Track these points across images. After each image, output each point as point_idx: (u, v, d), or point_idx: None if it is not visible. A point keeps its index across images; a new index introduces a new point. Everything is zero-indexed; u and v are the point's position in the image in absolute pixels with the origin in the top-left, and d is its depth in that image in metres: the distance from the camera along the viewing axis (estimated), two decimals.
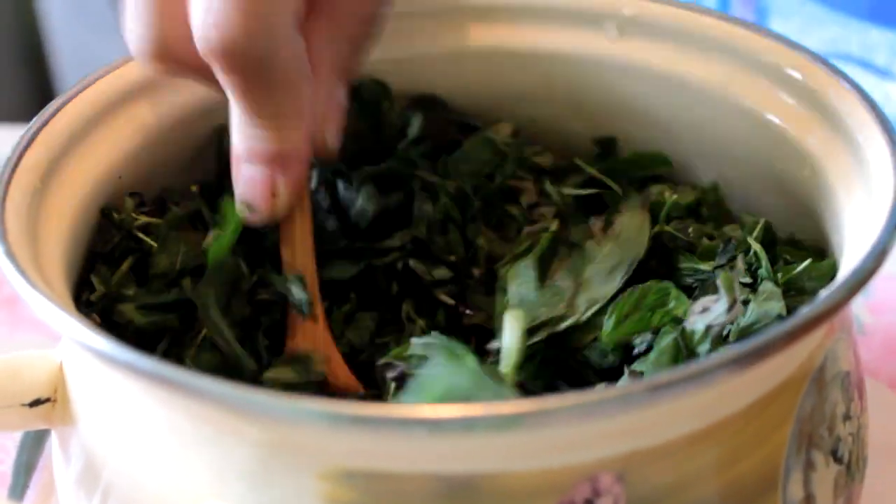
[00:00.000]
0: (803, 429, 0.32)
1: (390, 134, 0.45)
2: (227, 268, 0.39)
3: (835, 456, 0.34)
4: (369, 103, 0.45)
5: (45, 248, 0.35)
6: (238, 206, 0.38)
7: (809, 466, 0.33)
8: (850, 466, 0.35)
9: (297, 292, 0.39)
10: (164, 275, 0.39)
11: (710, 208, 0.43)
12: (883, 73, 0.62)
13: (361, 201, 0.43)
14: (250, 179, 0.37)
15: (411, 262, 0.42)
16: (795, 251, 0.40)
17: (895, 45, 0.61)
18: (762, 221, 0.41)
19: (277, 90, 0.35)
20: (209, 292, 0.38)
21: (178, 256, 0.40)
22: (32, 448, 0.48)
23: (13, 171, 0.36)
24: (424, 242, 0.42)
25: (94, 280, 0.38)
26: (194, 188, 0.42)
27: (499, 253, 0.43)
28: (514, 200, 0.44)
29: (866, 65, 0.62)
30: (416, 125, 0.45)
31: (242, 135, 0.37)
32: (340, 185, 0.43)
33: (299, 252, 0.40)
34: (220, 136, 0.42)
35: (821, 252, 0.40)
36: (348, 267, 0.42)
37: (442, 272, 0.42)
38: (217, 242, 0.39)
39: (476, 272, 0.42)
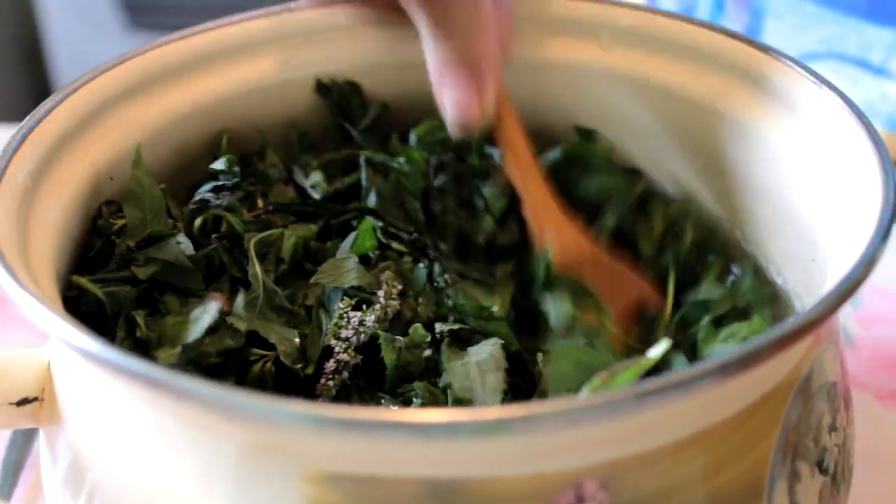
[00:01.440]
0: (789, 439, 0.32)
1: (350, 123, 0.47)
2: None
3: (820, 467, 0.34)
4: (340, 101, 0.47)
5: (34, 247, 0.35)
6: (450, 126, 0.41)
7: (794, 477, 0.33)
8: (836, 477, 0.35)
9: None
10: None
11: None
12: (879, 71, 0.62)
13: (315, 179, 0.45)
14: (454, 96, 0.40)
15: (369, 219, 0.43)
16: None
17: (891, 42, 0.61)
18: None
19: (461, 4, 0.38)
20: None
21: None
22: (21, 447, 0.48)
23: (4, 170, 0.36)
24: (378, 213, 0.44)
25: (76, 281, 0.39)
26: None
27: (468, 230, 0.44)
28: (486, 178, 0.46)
29: (863, 63, 0.63)
30: (372, 113, 0.47)
31: (438, 54, 0.40)
32: (297, 171, 0.45)
33: (518, 150, 0.43)
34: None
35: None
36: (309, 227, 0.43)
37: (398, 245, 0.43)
38: None
39: (443, 246, 0.44)
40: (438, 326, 0.40)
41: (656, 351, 0.36)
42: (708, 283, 0.42)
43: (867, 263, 0.31)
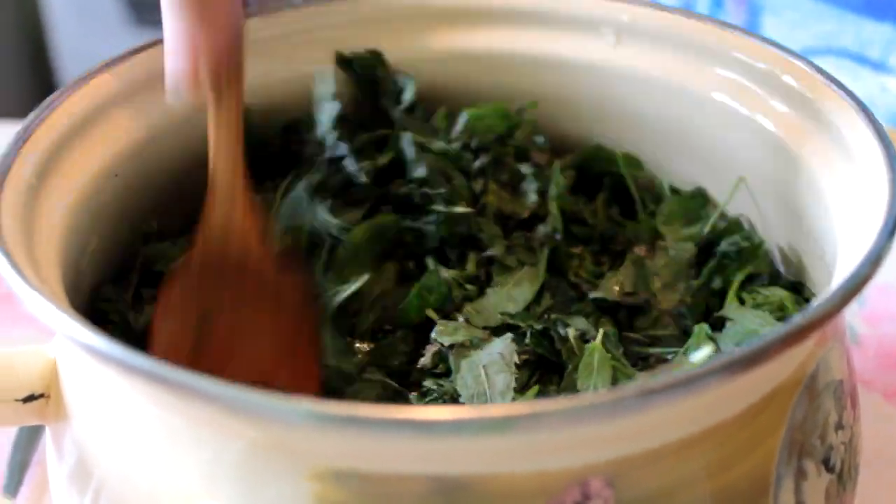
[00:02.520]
0: (795, 437, 0.32)
1: (386, 101, 0.47)
2: None
3: (826, 465, 0.34)
4: (364, 72, 0.47)
5: (40, 244, 0.35)
6: (168, 94, 0.39)
7: (801, 475, 0.33)
8: (842, 475, 0.35)
9: None
10: None
11: None
12: (878, 65, 0.62)
13: (354, 166, 0.44)
14: (174, 68, 0.38)
15: (427, 190, 0.43)
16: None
17: (890, 38, 0.61)
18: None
19: None
20: None
21: None
22: (27, 445, 0.48)
23: (9, 167, 0.36)
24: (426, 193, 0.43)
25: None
26: None
27: (508, 210, 0.44)
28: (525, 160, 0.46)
29: (861, 58, 0.63)
30: (409, 91, 0.47)
31: (169, 33, 0.38)
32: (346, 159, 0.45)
33: (232, 130, 0.40)
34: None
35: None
36: (356, 211, 0.43)
37: (461, 207, 0.43)
38: None
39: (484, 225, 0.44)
40: (447, 339, 0.39)
41: (699, 356, 0.36)
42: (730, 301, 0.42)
43: (873, 261, 0.31)
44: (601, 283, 0.43)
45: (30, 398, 0.35)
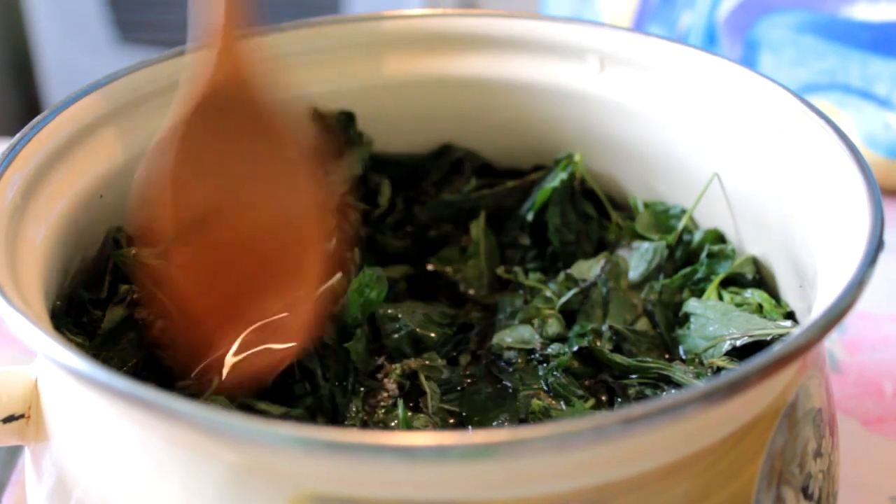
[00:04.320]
0: (774, 464, 0.33)
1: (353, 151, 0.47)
2: None
3: (805, 492, 0.34)
4: (336, 129, 0.47)
5: (24, 264, 0.35)
6: None
7: (780, 502, 0.33)
8: (821, 503, 0.35)
9: None
10: None
11: None
12: (884, 102, 0.63)
13: None
14: None
15: None
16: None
17: None
18: None
19: None
20: None
21: None
22: (4, 465, 0.48)
23: None
24: None
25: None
26: None
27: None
28: None
29: (866, 94, 0.63)
30: (385, 193, 0.48)
31: None
32: None
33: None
34: None
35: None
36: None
37: None
38: None
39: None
40: None
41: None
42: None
43: (853, 290, 0.31)
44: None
45: (10, 419, 0.35)
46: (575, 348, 0.40)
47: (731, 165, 0.43)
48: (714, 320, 0.40)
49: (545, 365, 0.40)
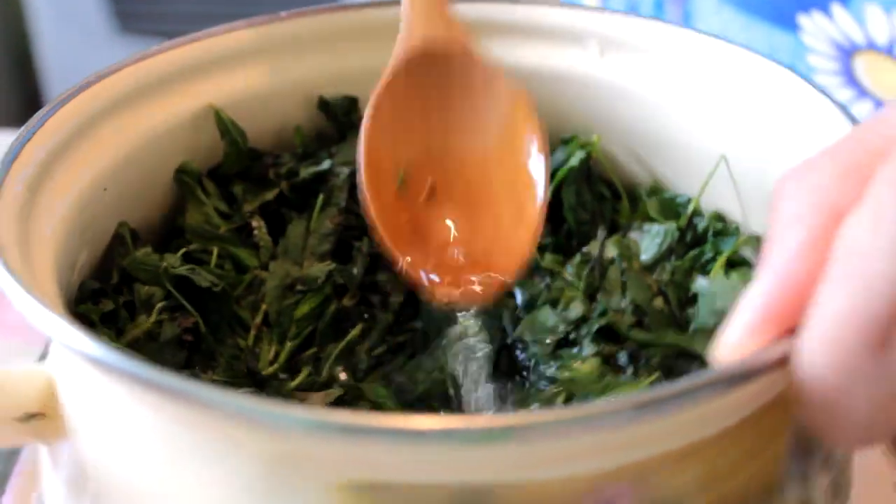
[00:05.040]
0: (799, 438, 0.33)
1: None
2: None
3: (828, 463, 0.34)
4: (339, 114, 0.47)
5: (35, 257, 0.35)
6: None
7: (805, 475, 0.33)
8: (843, 473, 0.36)
9: None
10: None
11: None
12: None
13: None
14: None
15: None
16: None
17: (795, 47, 0.61)
18: None
19: None
20: None
21: None
22: (9, 454, 0.47)
23: (2, 181, 0.35)
24: None
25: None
26: None
27: None
28: None
29: None
30: None
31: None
32: None
33: None
34: None
35: None
36: None
37: None
38: None
39: None
40: None
41: None
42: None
43: None
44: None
45: (27, 417, 0.34)
46: (595, 328, 0.40)
47: (737, 146, 0.43)
48: (721, 295, 0.40)
49: (572, 350, 0.40)
